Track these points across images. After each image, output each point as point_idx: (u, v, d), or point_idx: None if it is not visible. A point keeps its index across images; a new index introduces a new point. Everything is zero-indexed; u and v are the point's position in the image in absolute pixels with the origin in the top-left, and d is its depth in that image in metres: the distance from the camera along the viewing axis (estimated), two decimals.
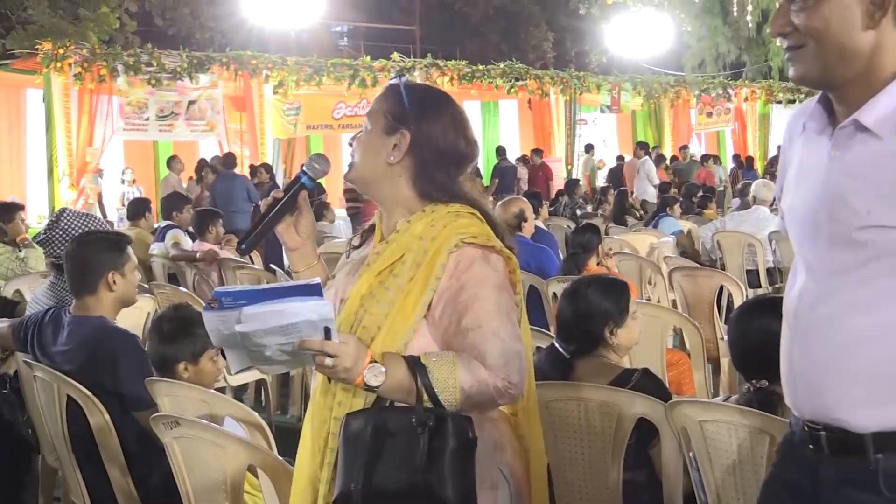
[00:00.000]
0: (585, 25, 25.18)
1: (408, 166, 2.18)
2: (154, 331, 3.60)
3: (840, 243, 1.80)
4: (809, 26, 1.79)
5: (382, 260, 2.15)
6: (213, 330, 2.00)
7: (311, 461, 2.19)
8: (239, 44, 17.93)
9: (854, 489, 1.81)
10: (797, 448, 1.93)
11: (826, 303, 1.83)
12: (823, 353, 1.82)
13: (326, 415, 2.14)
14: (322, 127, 16.89)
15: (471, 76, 17.20)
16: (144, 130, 14.37)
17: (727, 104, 22.09)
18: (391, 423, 2.02)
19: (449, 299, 2.07)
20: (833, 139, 1.83)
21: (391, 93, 2.25)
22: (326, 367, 1.95)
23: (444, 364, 2.01)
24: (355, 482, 1.98)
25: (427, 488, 1.97)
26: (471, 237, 2.09)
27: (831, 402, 1.82)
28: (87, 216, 4.85)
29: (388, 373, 1.99)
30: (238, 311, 1.92)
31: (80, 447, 3.51)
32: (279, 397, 6.57)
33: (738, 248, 8.52)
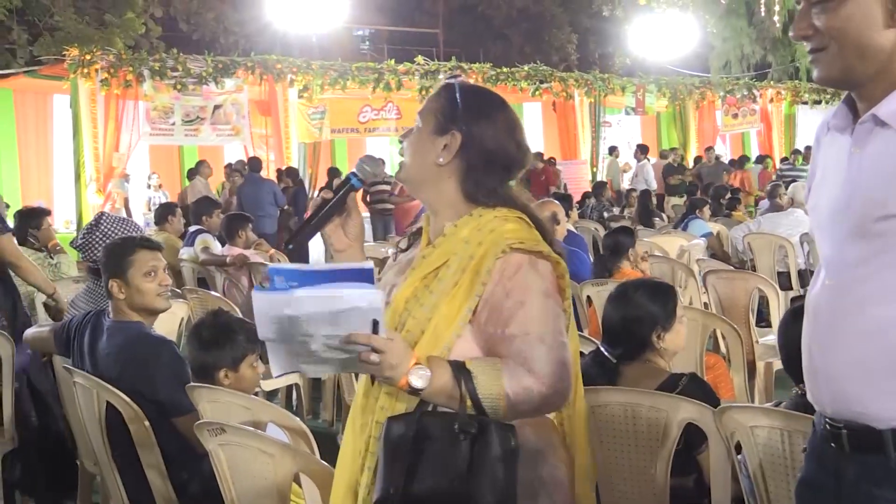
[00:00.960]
0: (609, 27, 25.15)
1: (457, 168, 2.16)
2: (193, 338, 3.59)
3: (857, 236, 1.81)
4: (831, 27, 1.81)
5: (428, 263, 2.12)
6: (261, 314, 1.96)
7: (352, 465, 2.17)
8: (263, 48, 17.95)
9: (875, 486, 1.81)
10: (820, 447, 1.94)
11: (844, 296, 1.84)
12: (842, 347, 1.83)
13: (368, 419, 2.12)
14: (347, 131, 16.91)
15: (495, 79, 17.15)
16: (170, 135, 14.42)
17: (753, 105, 21.94)
18: (433, 429, 1.99)
19: (494, 305, 2.03)
20: (854, 135, 1.86)
21: (445, 92, 2.22)
22: (372, 363, 1.91)
23: (490, 370, 1.98)
24: (395, 486, 1.96)
25: (467, 495, 1.94)
26: (518, 242, 2.06)
27: (851, 397, 1.82)
28: (125, 221, 4.87)
29: (433, 376, 1.96)
30: (289, 294, 1.89)
31: (119, 453, 3.51)
32: (311, 402, 6.56)
33: (770, 250, 8.45)
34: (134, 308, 3.70)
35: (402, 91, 16.21)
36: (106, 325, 3.71)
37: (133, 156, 14.19)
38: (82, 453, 4.11)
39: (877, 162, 1.82)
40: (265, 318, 1.95)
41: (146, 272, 3.70)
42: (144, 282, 3.69)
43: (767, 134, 22.49)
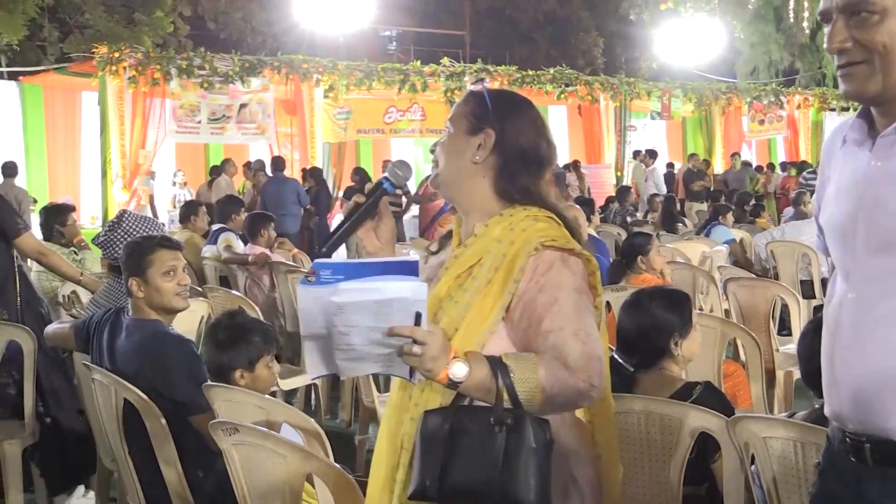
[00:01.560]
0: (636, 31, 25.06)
1: (492, 165, 2.20)
2: (209, 338, 3.61)
3: (880, 250, 1.81)
4: (876, 41, 1.78)
5: (461, 263, 2.16)
6: (305, 308, 1.99)
7: (388, 461, 2.21)
8: (289, 48, 18.03)
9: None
10: (837, 461, 1.92)
11: (868, 311, 1.83)
12: (868, 361, 1.82)
13: (404, 416, 2.16)
14: (373, 131, 16.95)
15: (520, 82, 17.14)
16: (196, 133, 14.50)
17: (780, 111, 21.81)
18: (469, 422, 2.03)
19: (528, 302, 2.07)
20: (874, 149, 1.85)
21: (473, 97, 2.28)
22: (413, 354, 1.93)
23: (526, 364, 2.01)
24: (430, 478, 2.00)
25: (502, 488, 1.97)
26: (550, 240, 2.10)
27: (876, 411, 1.81)
28: (146, 219, 4.91)
29: (471, 369, 1.98)
30: (334, 286, 1.93)
31: (136, 449, 3.54)
32: (329, 401, 6.59)
33: (793, 258, 8.40)
34: (152, 307, 3.72)
35: (427, 92, 16.23)
36: (125, 322, 3.75)
37: (159, 153, 14.27)
38: (100, 449, 4.15)
39: None
40: (309, 312, 1.99)
41: (165, 271, 3.72)
42: (163, 281, 3.71)
43: (794, 140, 22.35)
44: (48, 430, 4.64)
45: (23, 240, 5.07)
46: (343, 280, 1.93)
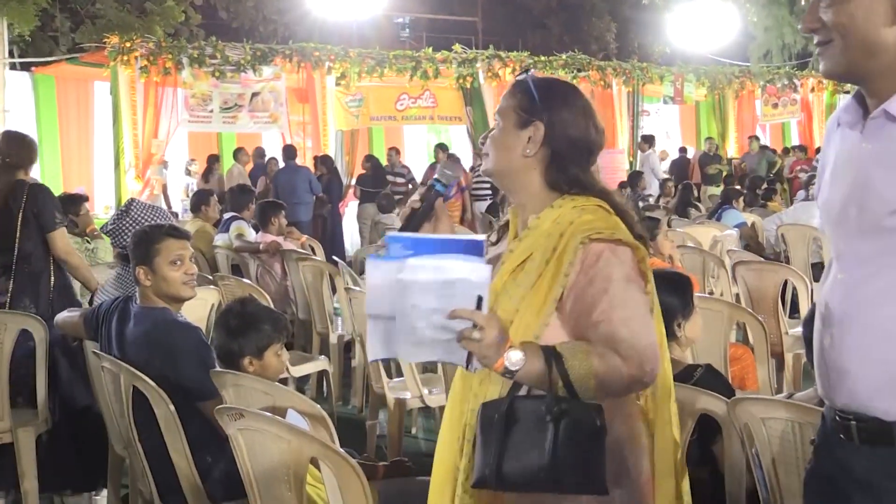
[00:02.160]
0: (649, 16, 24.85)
1: (542, 158, 2.24)
2: (220, 325, 3.65)
3: (869, 232, 1.84)
4: (836, 22, 1.84)
5: (515, 257, 2.21)
6: (373, 283, 2.05)
7: (450, 450, 2.28)
8: (302, 36, 18.00)
9: (885, 478, 1.83)
10: (829, 439, 1.96)
11: (856, 292, 1.86)
12: (855, 341, 1.85)
13: (464, 407, 2.23)
14: (385, 118, 16.94)
15: (533, 67, 17.09)
16: (208, 122, 14.54)
17: (793, 95, 21.69)
18: (523, 410, 2.07)
19: (578, 294, 2.12)
20: (864, 131, 1.88)
21: (519, 88, 2.29)
22: (473, 339, 1.96)
23: (580, 352, 2.05)
24: (489, 468, 2.05)
25: (556, 474, 2.02)
26: (596, 233, 2.13)
27: (862, 390, 1.85)
28: (154, 208, 4.94)
29: (526, 358, 2.02)
30: (402, 261, 1.98)
31: (145, 436, 3.58)
32: (341, 388, 6.63)
33: (804, 242, 8.39)
34: (159, 295, 3.76)
35: (439, 79, 16.21)
36: (133, 310, 3.78)
37: (172, 142, 14.33)
38: (111, 437, 4.20)
39: (888, 157, 1.83)
40: (377, 288, 2.05)
41: (172, 260, 3.75)
42: (170, 270, 3.75)
43: (808, 124, 22.23)
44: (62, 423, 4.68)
45: (55, 235, 5.20)
46: (412, 255, 1.99)
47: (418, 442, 5.94)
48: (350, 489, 2.66)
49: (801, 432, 2.63)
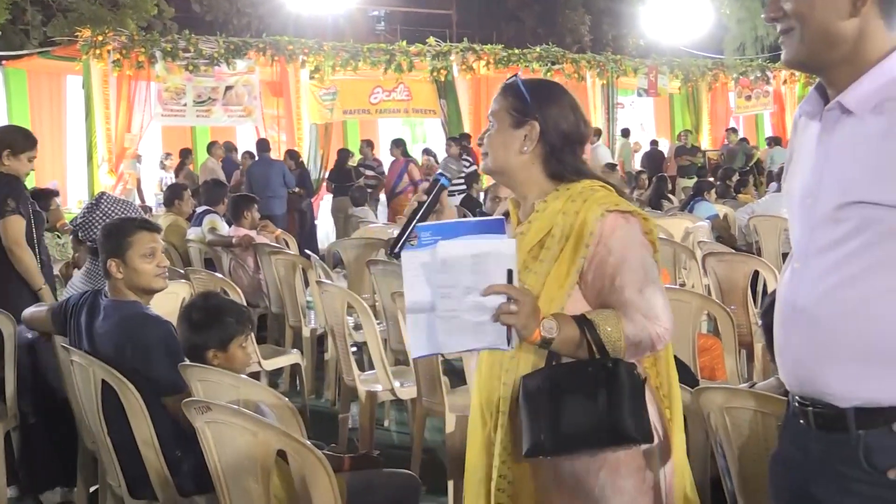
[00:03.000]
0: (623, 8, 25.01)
1: (539, 153, 2.40)
2: (183, 319, 3.65)
3: (823, 222, 1.87)
4: (796, 11, 1.88)
5: (530, 237, 2.35)
6: (410, 276, 2.21)
7: (483, 428, 2.41)
8: (276, 29, 17.99)
9: (838, 463, 1.87)
10: (791, 423, 2.01)
11: (811, 281, 1.90)
12: (809, 329, 1.89)
13: (494, 383, 2.35)
14: (359, 112, 16.92)
15: (507, 60, 17.12)
16: (182, 116, 14.49)
17: (766, 87, 21.80)
18: (567, 376, 2.23)
19: (599, 263, 2.29)
20: (822, 122, 1.92)
21: (510, 91, 2.45)
22: (511, 312, 2.14)
23: (609, 317, 2.24)
24: (544, 433, 2.19)
25: (611, 429, 2.18)
26: (613, 205, 2.32)
27: (817, 377, 1.89)
28: (123, 202, 4.93)
29: (561, 327, 2.20)
30: (433, 247, 2.17)
31: (115, 430, 3.57)
32: (314, 382, 6.63)
33: (775, 233, 8.45)
34: (131, 288, 3.76)
35: (413, 72, 16.21)
36: (103, 304, 3.78)
37: (145, 136, 14.26)
38: (81, 431, 4.19)
39: (842, 149, 1.86)
40: (415, 277, 2.20)
41: (144, 253, 3.76)
42: (143, 262, 3.75)
43: (781, 115, 22.35)
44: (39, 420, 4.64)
45: (4, 223, 5.04)
46: (441, 239, 2.17)
47: (390, 434, 5.95)
48: (316, 481, 2.68)
49: (764, 421, 2.66)
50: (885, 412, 1.81)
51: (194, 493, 3.47)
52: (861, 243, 1.81)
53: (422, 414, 4.81)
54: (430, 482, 4.69)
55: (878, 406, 1.81)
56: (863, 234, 1.80)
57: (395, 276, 6.23)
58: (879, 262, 1.80)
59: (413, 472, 4.20)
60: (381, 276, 6.32)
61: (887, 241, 1.79)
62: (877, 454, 1.81)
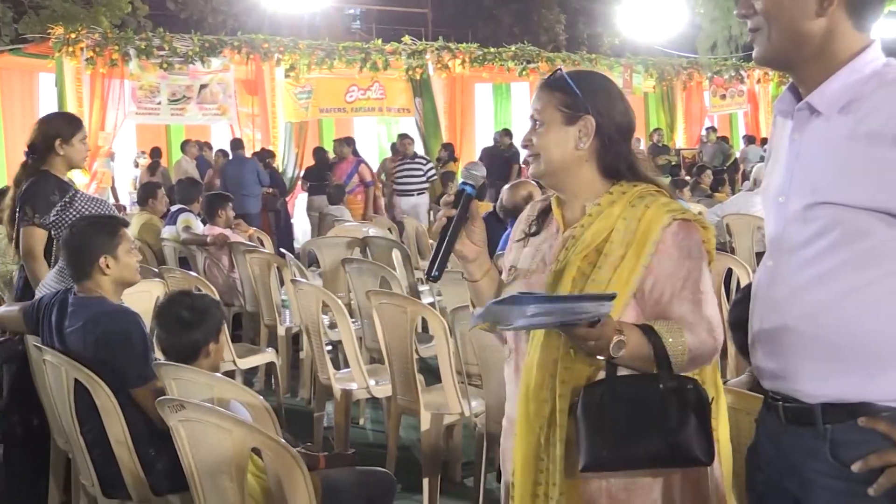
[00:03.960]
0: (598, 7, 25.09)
1: (595, 148, 2.30)
2: (172, 322, 3.59)
3: (794, 221, 1.89)
4: (764, 9, 1.89)
5: (585, 242, 2.25)
6: (485, 313, 2.01)
7: (530, 442, 2.26)
8: (251, 27, 17.93)
9: (806, 457, 1.90)
10: (765, 418, 2.05)
11: (782, 279, 1.93)
12: (780, 326, 1.93)
13: (547, 395, 2.24)
14: (335, 110, 16.88)
15: (482, 59, 17.14)
16: (156, 114, 14.40)
17: (740, 86, 21.94)
18: (633, 390, 2.15)
19: (661, 272, 2.21)
20: (794, 121, 1.94)
21: (556, 86, 2.33)
22: (587, 346, 2.07)
23: (673, 329, 2.16)
24: (607, 449, 2.11)
25: (678, 447, 2.11)
26: (680, 213, 2.24)
27: (787, 373, 1.93)
28: (97, 200, 4.90)
29: (629, 342, 2.10)
30: (526, 307, 1.95)
31: (88, 429, 3.56)
32: (289, 380, 6.63)
33: (748, 231, 8.51)
34: (118, 282, 3.80)
35: (388, 71, 16.20)
36: (70, 301, 3.77)
37: (119, 135, 14.17)
38: (54, 431, 4.17)
39: (811, 148, 1.89)
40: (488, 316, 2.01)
41: (129, 248, 3.86)
42: (129, 257, 3.84)
43: (754, 115, 22.49)
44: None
45: (22, 232, 4.70)
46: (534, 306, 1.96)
47: (366, 433, 5.95)
48: (291, 479, 2.68)
49: (736, 417, 2.67)
50: (850, 407, 1.83)
51: (169, 491, 3.47)
52: (829, 243, 1.83)
53: (397, 412, 4.82)
54: (406, 480, 4.71)
55: (845, 402, 1.84)
56: (830, 234, 1.83)
57: (369, 274, 6.24)
58: (846, 262, 1.82)
59: (388, 470, 4.21)
60: (356, 274, 6.32)
61: (854, 241, 1.81)
62: (842, 448, 1.84)
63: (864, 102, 1.81)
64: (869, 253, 1.81)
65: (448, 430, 4.78)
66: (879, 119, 1.78)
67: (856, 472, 1.80)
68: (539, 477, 2.25)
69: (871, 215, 1.79)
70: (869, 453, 1.79)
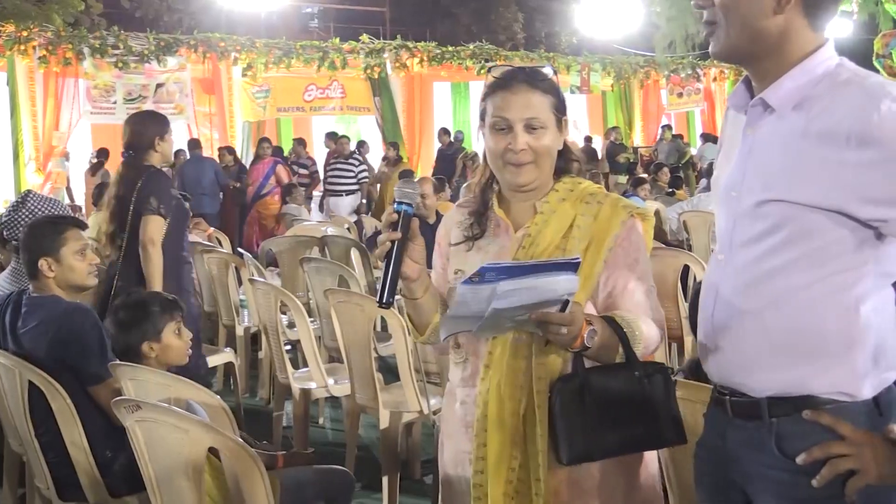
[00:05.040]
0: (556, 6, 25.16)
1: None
2: (112, 323, 3.58)
3: (745, 216, 1.91)
4: (721, 4, 1.89)
5: (547, 240, 2.29)
6: (462, 305, 2.01)
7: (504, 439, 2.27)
8: (207, 26, 17.75)
9: (752, 450, 1.93)
10: (712, 411, 2.07)
11: (733, 273, 1.94)
12: (728, 320, 1.95)
13: (522, 392, 2.26)
14: (293, 109, 16.83)
15: (440, 58, 17.18)
16: (112, 114, 14.25)
17: (697, 84, 22.15)
18: (608, 381, 2.20)
19: (616, 265, 2.29)
20: (748, 116, 1.95)
21: (551, 88, 2.34)
22: (560, 335, 2.05)
23: (630, 320, 2.21)
24: (589, 440, 2.16)
25: (656, 433, 2.20)
26: (635, 209, 2.34)
27: (733, 368, 1.95)
28: (51, 200, 4.84)
29: (598, 333, 2.13)
30: (494, 284, 1.96)
31: (43, 431, 3.52)
32: (248, 380, 6.60)
33: (705, 228, 8.59)
34: (63, 286, 3.73)
35: (347, 70, 16.17)
36: (24, 302, 3.72)
37: (74, 134, 14.02)
38: (7, 433, 4.11)
39: (764, 145, 1.90)
40: (465, 303, 2.01)
41: (77, 250, 3.75)
42: (76, 260, 3.74)
43: (711, 113, 22.70)
44: None
45: (145, 220, 4.81)
46: (504, 279, 1.95)
47: (325, 432, 5.94)
48: (249, 478, 2.66)
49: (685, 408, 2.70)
50: (794, 400, 1.86)
51: (126, 493, 3.44)
52: (779, 240, 1.85)
53: (356, 411, 4.81)
54: (365, 478, 4.71)
55: (790, 395, 1.87)
56: (781, 231, 1.84)
57: (327, 273, 6.23)
58: (795, 259, 1.84)
59: (348, 468, 4.21)
60: (314, 273, 6.31)
61: (803, 239, 1.83)
62: (787, 441, 1.86)
63: (817, 102, 1.82)
64: (816, 253, 1.83)
65: (407, 427, 4.78)
66: (832, 119, 1.78)
67: (800, 465, 1.82)
68: (510, 475, 2.27)
69: (822, 214, 1.80)
70: (812, 446, 1.82)
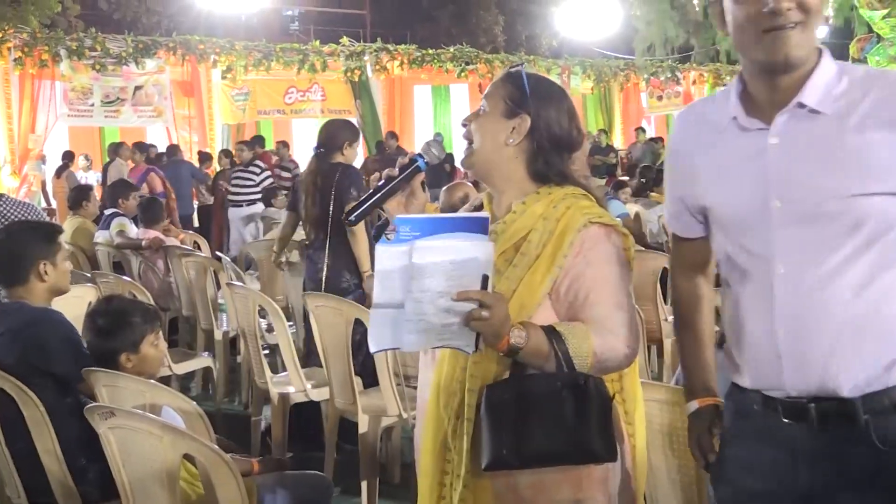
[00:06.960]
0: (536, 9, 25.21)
1: (525, 149, 2.29)
2: (88, 328, 3.55)
3: (799, 223, 1.88)
4: (811, 4, 1.87)
5: (505, 239, 2.25)
6: (383, 272, 2.05)
7: (438, 432, 2.26)
8: (186, 28, 17.71)
9: (848, 444, 1.91)
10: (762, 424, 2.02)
11: (802, 281, 1.91)
12: (812, 328, 1.90)
13: (457, 387, 2.23)
14: (274, 112, 16.80)
15: (421, 60, 17.19)
16: (89, 116, 14.21)
17: (676, 87, 22.24)
18: (534, 389, 2.13)
19: (576, 275, 2.19)
20: (773, 127, 1.92)
21: (511, 79, 2.33)
22: (482, 318, 2.00)
23: (579, 331, 2.14)
24: (507, 447, 2.10)
25: (578, 445, 2.11)
26: (597, 217, 2.22)
27: (825, 372, 1.90)
28: (25, 204, 4.81)
29: (529, 336, 2.08)
30: (411, 243, 2.01)
31: (14, 440, 3.47)
32: (226, 385, 6.55)
33: None
34: (52, 290, 3.72)
35: (327, 72, 16.15)
36: None
37: (51, 137, 13.94)
38: None
39: (811, 149, 1.89)
40: (387, 273, 2.05)
41: (66, 256, 3.81)
42: (64, 263, 3.76)
43: None
44: None
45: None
46: (420, 237, 2.02)
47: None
48: (224, 485, 2.64)
49: (662, 412, 2.70)
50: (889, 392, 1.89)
51: (100, 501, 3.39)
52: (864, 235, 1.86)
53: (334, 415, 4.79)
54: (344, 483, 4.68)
55: (883, 388, 1.89)
56: (864, 226, 1.86)
57: None
58: (883, 252, 1.87)
59: (326, 473, 4.18)
60: (292, 276, 6.28)
61: (889, 230, 1.86)
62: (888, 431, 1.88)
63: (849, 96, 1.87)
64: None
65: (386, 432, 4.76)
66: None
67: None
68: (446, 467, 2.25)
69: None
70: None
